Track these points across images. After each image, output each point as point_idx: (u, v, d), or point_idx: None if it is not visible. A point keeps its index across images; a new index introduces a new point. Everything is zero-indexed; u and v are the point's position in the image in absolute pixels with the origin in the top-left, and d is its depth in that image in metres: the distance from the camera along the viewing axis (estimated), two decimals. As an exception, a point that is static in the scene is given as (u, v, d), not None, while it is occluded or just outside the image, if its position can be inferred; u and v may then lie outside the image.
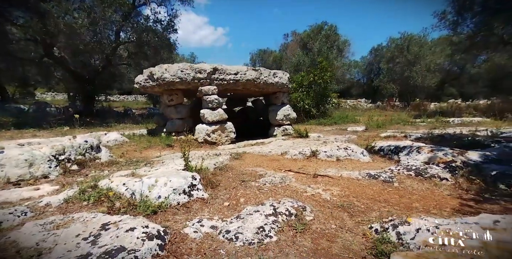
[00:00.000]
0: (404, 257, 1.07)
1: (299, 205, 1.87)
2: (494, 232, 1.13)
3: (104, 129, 7.19)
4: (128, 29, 12.47)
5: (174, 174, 1.92)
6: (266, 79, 5.91)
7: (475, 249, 1.05)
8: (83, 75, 12.58)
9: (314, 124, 9.11)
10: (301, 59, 14.11)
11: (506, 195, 1.92)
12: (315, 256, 1.33)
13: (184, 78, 4.88)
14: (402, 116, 10.49)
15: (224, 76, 5.31)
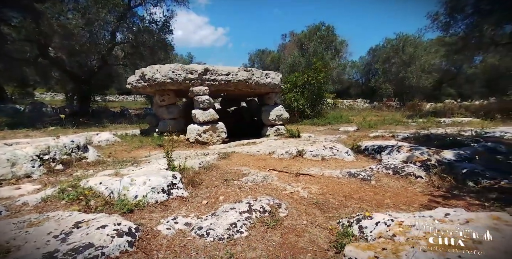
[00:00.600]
0: (356, 248, 1.14)
1: (275, 202, 1.94)
2: (441, 223, 1.21)
3: (98, 129, 7.23)
4: (124, 30, 12.51)
5: (154, 174, 1.98)
6: (258, 79, 5.98)
7: (419, 238, 1.12)
8: (79, 75, 12.60)
9: (308, 124, 9.18)
10: (296, 60, 14.21)
11: (473, 191, 2.00)
12: (281, 250, 1.39)
13: (175, 79, 4.93)
14: (396, 117, 10.58)
15: (215, 76, 5.37)
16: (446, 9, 8.70)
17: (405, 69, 16.98)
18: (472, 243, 1.03)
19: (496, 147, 2.91)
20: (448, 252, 1.00)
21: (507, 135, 3.92)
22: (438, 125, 7.03)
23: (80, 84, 12.59)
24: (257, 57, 28.41)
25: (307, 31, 18.97)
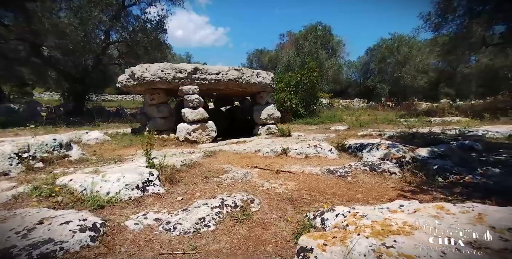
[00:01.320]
0: (308, 237, 1.20)
1: (248, 198, 1.99)
2: (392, 213, 1.27)
3: (90, 128, 7.24)
4: (119, 29, 12.49)
5: (130, 171, 2.01)
6: (249, 79, 6.02)
7: (367, 226, 1.18)
8: (73, 74, 12.55)
9: (301, 124, 9.25)
10: (291, 59, 14.28)
11: (440, 186, 2.07)
12: (245, 242, 1.44)
13: (164, 78, 4.96)
14: (389, 116, 10.68)
15: (205, 76, 5.40)
16: (437, 10, 8.79)
17: (400, 69, 17.11)
18: (410, 229, 1.09)
19: (473, 145, 2.98)
20: (387, 237, 1.06)
21: (488, 134, 4.00)
22: (427, 124, 7.11)
23: (75, 84, 12.55)
24: (255, 56, 28.45)
25: (304, 31, 19.05)
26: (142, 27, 12.05)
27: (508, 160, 2.52)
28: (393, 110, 14.04)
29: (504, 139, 3.75)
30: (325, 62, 15.34)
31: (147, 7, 12.08)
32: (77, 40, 9.31)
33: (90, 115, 12.36)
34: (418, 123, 7.31)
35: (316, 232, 1.28)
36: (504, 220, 1.07)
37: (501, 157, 2.64)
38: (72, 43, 9.61)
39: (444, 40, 10.06)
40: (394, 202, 1.49)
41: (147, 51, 13.38)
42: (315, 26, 19.13)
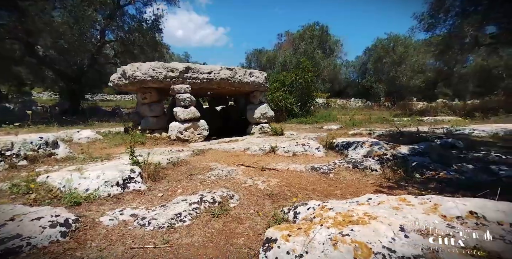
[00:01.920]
0: (275, 229, 1.23)
1: (228, 194, 2.02)
2: (358, 206, 1.31)
3: (83, 127, 7.23)
4: (114, 28, 12.48)
5: (111, 168, 2.04)
6: (241, 78, 6.05)
7: (330, 217, 1.22)
8: (69, 74, 12.51)
9: (296, 123, 9.29)
10: (287, 59, 14.33)
11: (417, 182, 2.12)
12: (218, 235, 1.48)
13: (155, 77, 4.98)
14: (384, 115, 10.76)
15: (197, 75, 5.42)
16: (430, 10, 8.87)
17: (396, 69, 17.23)
18: (368, 219, 1.13)
19: (455, 143, 3.04)
20: (345, 227, 1.11)
21: (474, 132, 4.07)
22: (419, 124, 7.19)
23: (70, 83, 12.51)
24: (254, 56, 28.41)
25: (302, 31, 19.12)
26: (138, 26, 12.04)
27: (485, 157, 2.58)
28: (389, 109, 14.14)
29: (488, 138, 3.81)
30: (321, 62, 15.40)
31: (143, 6, 12.07)
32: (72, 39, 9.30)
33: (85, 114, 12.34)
34: (410, 122, 7.39)
35: (283, 224, 1.32)
36: (454, 209, 1.12)
37: (479, 154, 2.70)
38: (68, 43, 9.59)
39: (437, 40, 10.14)
40: (364, 196, 1.54)
41: (143, 51, 13.38)
42: (312, 26, 19.21)
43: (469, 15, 8.25)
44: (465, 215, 1.10)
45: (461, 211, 1.12)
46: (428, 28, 9.31)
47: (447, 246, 0.94)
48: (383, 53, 17.90)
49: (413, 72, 16.63)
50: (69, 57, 11.97)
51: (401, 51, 16.73)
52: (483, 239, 0.93)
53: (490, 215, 1.05)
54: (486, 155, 2.63)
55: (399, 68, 16.86)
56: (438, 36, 9.91)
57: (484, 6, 8.12)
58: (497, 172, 2.04)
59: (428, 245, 0.95)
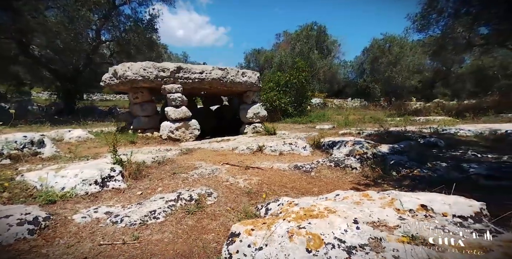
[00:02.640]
0: (241, 224, 1.27)
1: (207, 192, 2.06)
2: (322, 201, 1.36)
3: (75, 127, 7.23)
4: (110, 28, 12.48)
5: (91, 167, 2.07)
6: (233, 78, 6.09)
7: (294, 212, 1.27)
8: (64, 73, 12.49)
9: (290, 123, 9.34)
10: (283, 59, 14.38)
11: (393, 179, 2.17)
12: (189, 232, 1.51)
13: (146, 76, 5.01)
14: (378, 115, 10.82)
15: (189, 75, 5.45)
16: (423, 11, 8.94)
17: (391, 69, 17.33)
18: (327, 213, 1.18)
19: (436, 142, 3.09)
20: (304, 221, 1.15)
21: (460, 132, 4.13)
22: (411, 123, 7.26)
23: (66, 83, 12.50)
24: (253, 56, 28.41)
25: (299, 31, 19.18)
26: (133, 26, 12.04)
27: (461, 156, 2.63)
28: (385, 109, 14.23)
29: (473, 137, 3.87)
30: (317, 62, 15.46)
31: (138, 6, 12.07)
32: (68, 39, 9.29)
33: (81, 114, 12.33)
34: (402, 122, 7.45)
35: (250, 220, 1.36)
36: (408, 203, 1.17)
37: (457, 153, 2.75)
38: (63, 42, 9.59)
39: (431, 41, 10.23)
40: (334, 192, 1.58)
41: (139, 51, 13.38)
42: (310, 26, 19.27)
43: (461, 16, 8.34)
44: (416, 208, 1.15)
45: (413, 205, 1.17)
46: (421, 29, 9.40)
47: (390, 235, 0.99)
48: (379, 53, 18.01)
49: (409, 72, 16.73)
50: (64, 57, 11.95)
51: (396, 52, 16.83)
52: (424, 229, 0.98)
53: (437, 208, 1.11)
54: (463, 153, 2.69)
55: (394, 69, 16.95)
56: (431, 36, 10.01)
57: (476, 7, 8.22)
58: (467, 170, 2.10)
59: (375, 235, 1.01)
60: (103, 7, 10.63)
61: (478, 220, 1.06)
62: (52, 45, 9.98)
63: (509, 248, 0.85)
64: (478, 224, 1.03)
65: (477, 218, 1.07)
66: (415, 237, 0.96)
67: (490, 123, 5.34)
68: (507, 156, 2.46)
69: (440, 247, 0.91)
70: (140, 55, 13.75)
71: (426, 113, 9.31)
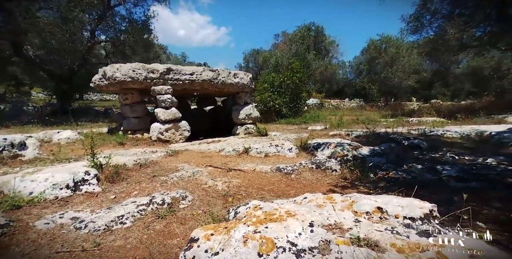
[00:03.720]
0: (202, 229, 1.27)
1: (182, 195, 2.05)
2: (291, 203, 1.37)
3: (68, 128, 7.21)
4: (105, 29, 12.46)
5: (63, 170, 2.05)
6: (224, 79, 6.08)
7: (255, 216, 1.27)
8: (59, 74, 12.45)
9: (284, 123, 9.34)
10: (279, 60, 14.39)
11: (370, 182, 2.17)
12: (155, 237, 1.50)
13: (135, 78, 4.99)
14: (372, 116, 10.85)
15: (179, 76, 5.44)
16: (416, 13, 8.98)
17: (387, 69, 17.40)
18: (286, 217, 1.19)
19: (419, 144, 3.10)
20: (262, 225, 1.16)
21: (447, 134, 4.14)
22: (403, 124, 7.27)
23: (61, 83, 12.47)
24: (252, 56, 28.44)
25: (296, 31, 19.21)
26: (128, 27, 12.03)
27: (440, 157, 2.64)
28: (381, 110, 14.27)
29: (458, 139, 3.88)
30: (313, 63, 15.48)
31: (133, 7, 12.05)
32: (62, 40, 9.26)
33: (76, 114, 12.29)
34: (394, 123, 7.47)
35: (211, 224, 1.36)
36: (366, 206, 1.17)
37: (436, 154, 2.76)
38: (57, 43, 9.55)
39: (425, 42, 10.27)
40: (302, 195, 1.59)
41: (134, 51, 13.36)
42: (308, 27, 19.32)
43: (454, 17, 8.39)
44: (373, 210, 1.16)
45: (370, 207, 1.17)
46: (414, 30, 9.44)
47: (338, 238, 1.00)
48: (375, 54, 18.06)
49: (404, 73, 16.78)
50: (59, 58, 11.91)
51: (392, 52, 16.88)
52: (372, 230, 1.00)
53: (391, 210, 1.12)
54: (442, 155, 2.69)
55: (390, 69, 17.01)
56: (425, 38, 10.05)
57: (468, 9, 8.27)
58: (440, 172, 2.11)
59: (326, 238, 1.02)
60: (98, 8, 10.61)
61: (426, 221, 1.08)
62: (46, 46, 9.95)
63: (442, 247, 0.89)
64: (425, 225, 1.05)
65: (425, 219, 1.09)
66: (362, 239, 0.98)
67: (479, 124, 5.36)
68: (482, 158, 2.47)
69: (381, 248, 0.93)
70: (136, 56, 13.75)
71: (420, 114, 9.33)
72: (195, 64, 35.61)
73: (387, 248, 0.93)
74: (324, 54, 22.30)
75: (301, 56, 14.31)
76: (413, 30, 9.42)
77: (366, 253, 0.92)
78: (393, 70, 17.13)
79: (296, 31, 19.09)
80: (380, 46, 17.84)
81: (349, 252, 0.94)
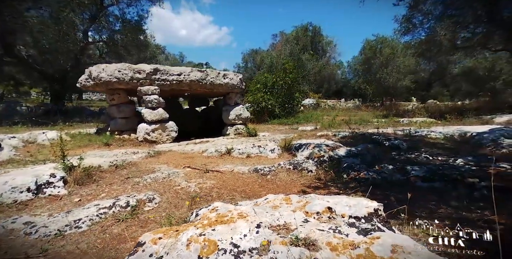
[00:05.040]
0: (151, 233, 1.24)
1: (149, 197, 2.03)
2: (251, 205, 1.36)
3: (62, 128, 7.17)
4: (99, 29, 12.41)
5: (27, 173, 2.02)
6: (213, 80, 6.06)
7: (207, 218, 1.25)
8: (51, 74, 12.37)
9: (276, 124, 9.32)
10: (274, 60, 14.40)
11: (342, 182, 2.17)
12: (110, 241, 1.47)
13: (121, 78, 4.96)
14: (366, 117, 10.86)
15: (166, 77, 5.41)
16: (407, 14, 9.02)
17: (382, 70, 17.46)
18: (237, 218, 1.18)
19: (399, 145, 3.10)
20: (210, 227, 1.15)
21: (431, 134, 4.15)
22: (394, 125, 7.28)
23: (53, 83, 12.39)
24: (250, 56, 28.43)
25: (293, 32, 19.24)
26: (122, 27, 11.99)
27: (415, 158, 2.64)
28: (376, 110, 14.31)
29: (441, 139, 3.88)
30: (308, 63, 15.50)
31: (127, 7, 12.00)
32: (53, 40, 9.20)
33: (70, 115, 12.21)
34: (384, 124, 7.49)
35: (163, 228, 1.33)
36: (317, 206, 1.17)
37: (412, 155, 2.76)
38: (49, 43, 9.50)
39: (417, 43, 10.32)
40: (264, 196, 1.58)
41: (128, 51, 13.31)
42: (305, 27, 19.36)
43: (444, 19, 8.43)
44: (323, 210, 1.15)
45: (321, 208, 1.17)
46: (405, 32, 9.48)
47: (278, 238, 1.00)
48: (371, 55, 18.11)
49: (399, 73, 16.85)
50: (51, 58, 11.83)
51: (387, 53, 16.94)
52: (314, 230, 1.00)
53: (339, 210, 1.12)
54: (418, 156, 2.69)
55: (385, 70, 17.08)
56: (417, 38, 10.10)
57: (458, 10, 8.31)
58: (409, 172, 2.10)
59: (269, 239, 1.02)
60: (90, 8, 10.56)
61: (369, 220, 1.09)
62: (38, 46, 9.88)
63: (371, 244, 0.91)
64: (367, 224, 1.06)
65: (369, 218, 1.10)
66: (302, 238, 0.99)
67: (467, 125, 5.37)
68: (453, 158, 2.47)
69: (317, 247, 0.95)
70: (131, 56, 13.70)
71: (412, 114, 9.37)
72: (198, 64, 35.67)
73: (322, 247, 0.95)
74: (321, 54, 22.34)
75: (295, 57, 14.32)
76: (405, 32, 9.47)
77: (300, 252, 0.94)
78: (388, 70, 17.20)
79: (293, 32, 19.14)
80: (375, 47, 17.90)
81: (284, 252, 0.95)
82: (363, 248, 0.90)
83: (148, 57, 19.79)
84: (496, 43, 7.98)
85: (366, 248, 0.90)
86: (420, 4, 8.73)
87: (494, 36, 7.63)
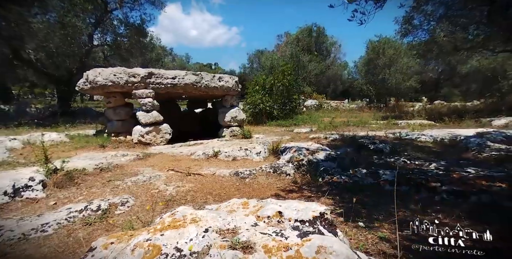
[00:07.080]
0: (107, 237, 1.30)
1: (122, 200, 2.09)
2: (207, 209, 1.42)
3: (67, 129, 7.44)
4: (104, 32, 12.77)
5: (5, 176, 2.09)
6: (208, 83, 6.14)
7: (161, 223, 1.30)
8: (58, 77, 12.78)
9: (273, 126, 9.33)
10: (274, 62, 14.43)
11: (317, 186, 2.18)
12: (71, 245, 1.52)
13: (116, 82, 5.09)
14: (365, 118, 10.73)
15: (161, 80, 5.52)
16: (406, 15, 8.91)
17: (385, 71, 17.25)
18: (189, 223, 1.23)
19: (383, 149, 3.08)
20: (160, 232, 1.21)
21: (421, 138, 4.09)
22: (390, 127, 7.21)
23: (60, 85, 12.82)
24: (256, 57, 28.53)
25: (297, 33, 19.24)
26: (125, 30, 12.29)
27: (393, 162, 2.61)
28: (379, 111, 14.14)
29: (430, 143, 3.83)
30: (308, 65, 15.45)
31: (130, 11, 12.30)
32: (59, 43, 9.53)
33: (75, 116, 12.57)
34: (382, 126, 7.40)
35: (117, 233, 1.39)
36: (269, 210, 1.21)
37: (391, 159, 2.73)
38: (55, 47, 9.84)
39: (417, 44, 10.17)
40: (230, 200, 1.62)
41: (132, 54, 13.60)
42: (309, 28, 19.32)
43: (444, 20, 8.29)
44: (273, 214, 1.20)
45: (272, 212, 1.20)
46: (405, 33, 9.37)
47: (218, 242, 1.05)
48: (374, 55, 17.91)
49: (403, 74, 16.60)
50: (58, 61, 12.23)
51: (390, 53, 16.72)
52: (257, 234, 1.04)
53: (287, 214, 1.16)
54: (396, 160, 2.67)
55: (388, 71, 16.86)
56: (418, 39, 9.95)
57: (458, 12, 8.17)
58: (380, 176, 2.10)
59: (212, 243, 1.06)
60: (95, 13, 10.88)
61: (312, 223, 1.12)
62: (45, 50, 10.25)
63: (302, 246, 0.96)
64: (310, 227, 1.09)
65: (313, 221, 1.13)
66: (241, 242, 1.03)
67: (464, 128, 5.27)
68: (428, 162, 2.44)
69: (253, 250, 0.99)
70: (135, 59, 14.01)
71: (411, 116, 9.22)
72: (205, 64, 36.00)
73: (257, 249, 1.00)
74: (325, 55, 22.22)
75: (296, 58, 14.31)
76: (404, 33, 9.35)
77: (233, 255, 0.98)
78: (391, 71, 16.96)
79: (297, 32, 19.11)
80: (378, 47, 17.69)
81: (219, 255, 0.99)
82: (294, 250, 0.96)
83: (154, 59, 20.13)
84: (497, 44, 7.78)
85: (296, 250, 0.95)
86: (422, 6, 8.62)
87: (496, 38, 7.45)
